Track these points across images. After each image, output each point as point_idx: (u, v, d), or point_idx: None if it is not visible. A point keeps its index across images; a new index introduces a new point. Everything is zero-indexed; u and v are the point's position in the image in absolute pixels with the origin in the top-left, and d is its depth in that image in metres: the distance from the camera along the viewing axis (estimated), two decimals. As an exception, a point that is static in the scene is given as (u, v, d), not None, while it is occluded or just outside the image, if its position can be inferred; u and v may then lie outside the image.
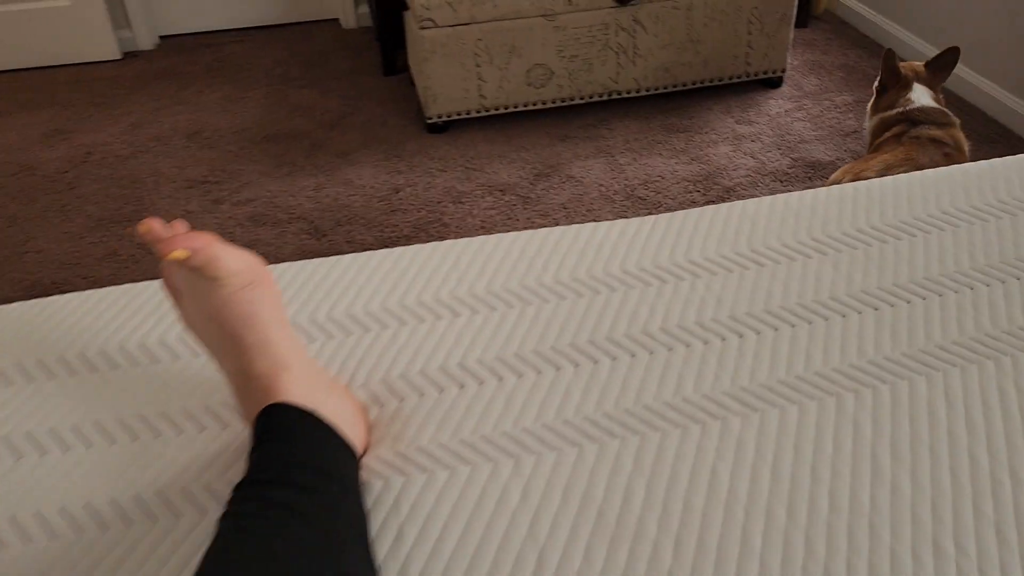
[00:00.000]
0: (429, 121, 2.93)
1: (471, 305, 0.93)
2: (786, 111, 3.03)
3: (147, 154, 2.97)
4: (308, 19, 3.84)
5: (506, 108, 2.95)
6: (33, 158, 2.98)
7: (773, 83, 3.16)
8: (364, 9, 3.75)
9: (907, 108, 1.98)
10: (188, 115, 3.19)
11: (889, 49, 2.08)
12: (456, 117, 2.93)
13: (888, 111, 2.03)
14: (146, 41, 3.65)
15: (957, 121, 1.99)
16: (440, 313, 0.92)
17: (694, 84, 3.07)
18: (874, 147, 2.05)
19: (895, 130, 1.97)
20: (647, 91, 3.03)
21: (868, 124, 2.14)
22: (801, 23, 3.53)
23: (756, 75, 3.10)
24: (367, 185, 2.72)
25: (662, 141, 2.88)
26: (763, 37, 3.01)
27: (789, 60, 3.18)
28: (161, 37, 3.75)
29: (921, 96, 2.01)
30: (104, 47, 3.51)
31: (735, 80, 3.09)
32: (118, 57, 3.59)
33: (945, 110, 2.01)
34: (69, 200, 2.75)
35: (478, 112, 2.94)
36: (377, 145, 2.93)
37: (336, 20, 3.83)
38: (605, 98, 3.01)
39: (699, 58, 2.99)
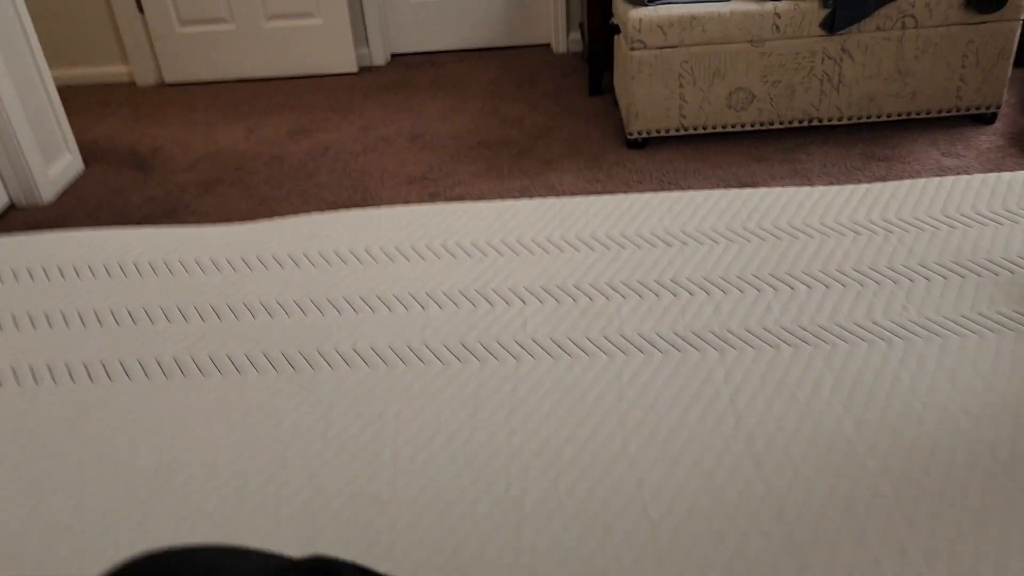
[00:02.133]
0: (630, 137, 3.11)
1: (681, 239, 1.09)
2: (998, 147, 2.97)
3: (375, 152, 3.35)
4: (522, 43, 4.17)
5: (704, 128, 3.08)
6: (281, 150, 3.44)
7: (986, 119, 3.09)
8: (575, 35, 4.02)
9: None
10: (411, 121, 3.56)
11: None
12: (655, 135, 3.09)
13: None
14: (380, 58, 4.10)
15: None
16: (655, 243, 1.09)
17: (899, 115, 3.06)
18: None
19: None
20: (849, 120, 3.07)
21: None
22: (1021, 62, 3.43)
23: (967, 110, 3.05)
24: (567, 190, 2.93)
25: (861, 168, 2.90)
26: (978, 72, 2.97)
27: (1005, 97, 3.11)
28: (392, 55, 4.19)
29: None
30: (345, 61, 3.99)
31: (944, 114, 3.06)
32: (355, 71, 4.05)
33: None
34: (309, 187, 3.16)
35: (677, 131, 3.09)
36: (579, 156, 3.15)
37: (547, 45, 4.13)
38: (805, 124, 3.07)
39: (907, 89, 2.99)
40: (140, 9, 3.80)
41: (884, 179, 2.82)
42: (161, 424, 0.85)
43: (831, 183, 2.81)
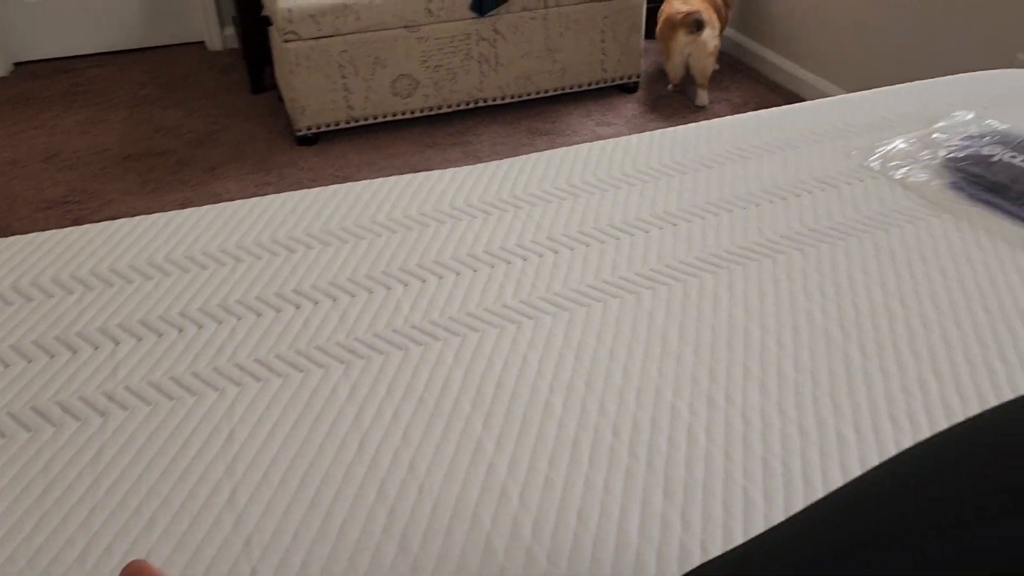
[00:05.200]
0: (298, 134, 2.96)
1: (306, 243, 0.98)
2: (642, 112, 3.22)
3: (1, 177, 2.88)
4: (172, 42, 3.81)
5: (374, 118, 3.01)
6: None
7: (629, 88, 3.34)
8: (230, 31, 3.75)
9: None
10: (45, 138, 3.11)
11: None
12: (325, 129, 2.97)
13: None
14: (-1, 68, 3.54)
15: None
16: (276, 251, 0.97)
17: (555, 91, 3.21)
18: None
19: None
20: (511, 98, 3.16)
21: None
22: (652, 34, 3.75)
23: (612, 81, 3.27)
24: (235, 198, 2.70)
25: (527, 144, 3.00)
26: (616, 45, 3.19)
27: (643, 66, 3.38)
28: (15, 64, 3.64)
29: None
30: (-47, 74, 3.38)
31: (593, 86, 3.25)
32: (-32, 85, 3.46)
33: None
34: (-84, 226, 2.63)
35: (347, 123, 2.99)
36: (245, 160, 2.94)
37: (201, 42, 3.82)
38: (471, 106, 3.12)
39: (557, 66, 3.14)
40: None
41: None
42: None
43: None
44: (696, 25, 2.93)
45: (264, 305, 0.89)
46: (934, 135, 1.14)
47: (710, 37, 2.99)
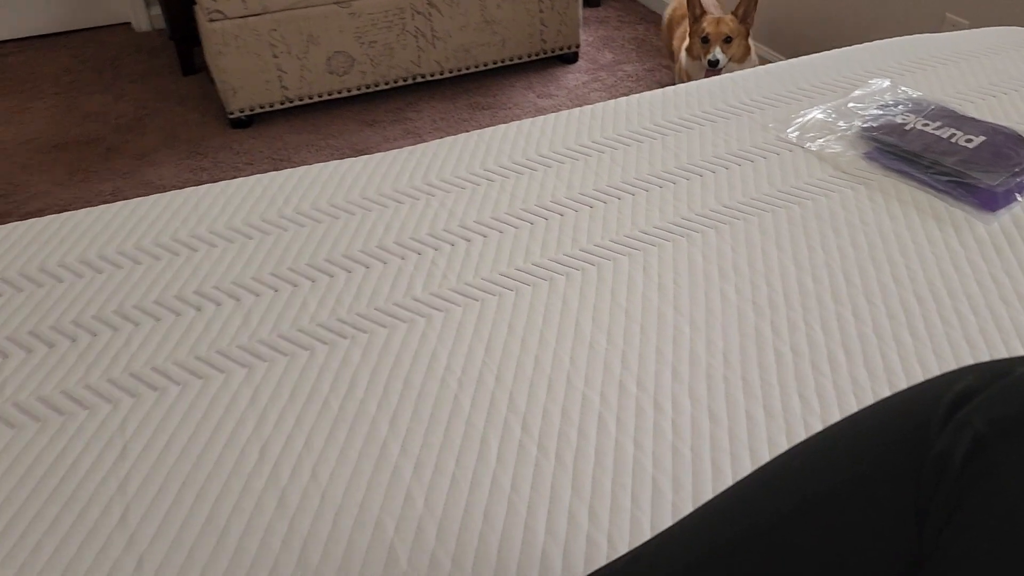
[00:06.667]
0: (231, 116, 2.88)
1: (209, 241, 0.95)
2: (583, 83, 3.18)
3: (-79, 173, 2.76)
4: (96, 24, 3.68)
5: (310, 98, 2.94)
6: None
7: (569, 59, 3.31)
8: (156, 11, 3.63)
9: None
10: (-34, 130, 2.99)
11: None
12: (260, 110, 2.89)
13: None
14: (-86, 58, 3.38)
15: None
16: (178, 250, 0.94)
17: (495, 63, 3.16)
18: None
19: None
20: (450, 73, 3.10)
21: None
22: (593, 2, 3.71)
23: (553, 52, 3.23)
24: (168, 185, 2.64)
25: (468, 119, 2.95)
26: (555, 15, 3.14)
27: (583, 36, 3.34)
28: (-68, 53, 3.48)
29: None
30: None
31: (533, 58, 3.21)
32: None
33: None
34: None
35: (282, 104, 2.91)
36: (178, 144, 2.85)
37: (128, 24, 3.69)
38: (410, 82, 3.06)
39: (496, 38, 3.09)
40: None
41: (490, 127, 2.90)
42: None
43: (442, 137, 2.82)
44: None
45: (163, 309, 0.86)
46: (850, 104, 1.14)
47: None
